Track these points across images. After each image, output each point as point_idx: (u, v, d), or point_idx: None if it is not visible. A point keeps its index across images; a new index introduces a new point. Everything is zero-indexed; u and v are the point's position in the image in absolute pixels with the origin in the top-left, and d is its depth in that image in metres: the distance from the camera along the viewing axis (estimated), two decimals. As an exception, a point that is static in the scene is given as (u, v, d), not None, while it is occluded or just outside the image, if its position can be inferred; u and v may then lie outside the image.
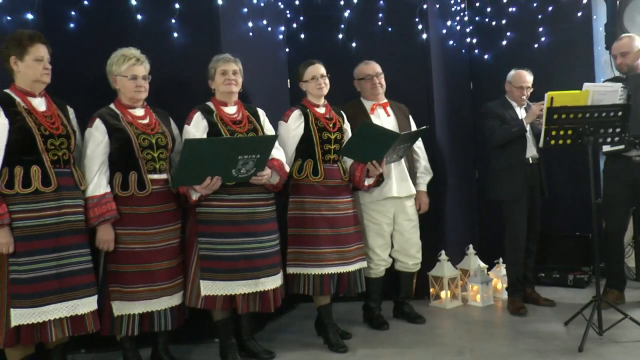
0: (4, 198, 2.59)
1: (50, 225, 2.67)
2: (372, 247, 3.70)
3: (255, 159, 2.94)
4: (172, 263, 3.03)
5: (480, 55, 4.91)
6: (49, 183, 2.68)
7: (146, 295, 2.93)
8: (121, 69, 2.97)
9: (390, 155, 3.46)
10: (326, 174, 3.38)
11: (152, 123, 3.04)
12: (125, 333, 2.94)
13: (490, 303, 4.17)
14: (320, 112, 3.46)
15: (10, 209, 2.59)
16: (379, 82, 3.75)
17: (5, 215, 2.56)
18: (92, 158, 2.89)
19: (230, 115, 3.18)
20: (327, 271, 3.31)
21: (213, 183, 2.92)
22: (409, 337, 3.55)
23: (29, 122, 2.66)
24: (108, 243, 2.88)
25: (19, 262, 2.60)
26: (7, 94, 2.71)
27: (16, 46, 2.70)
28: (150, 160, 2.97)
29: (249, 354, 3.29)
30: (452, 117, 4.61)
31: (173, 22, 3.50)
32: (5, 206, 2.58)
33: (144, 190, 2.94)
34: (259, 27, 3.95)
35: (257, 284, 3.07)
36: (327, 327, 3.42)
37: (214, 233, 3.06)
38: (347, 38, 4.34)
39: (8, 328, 2.58)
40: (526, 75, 4.03)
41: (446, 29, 4.62)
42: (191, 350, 3.46)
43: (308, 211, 3.35)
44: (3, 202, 2.58)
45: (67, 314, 2.67)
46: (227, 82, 3.15)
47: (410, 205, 3.81)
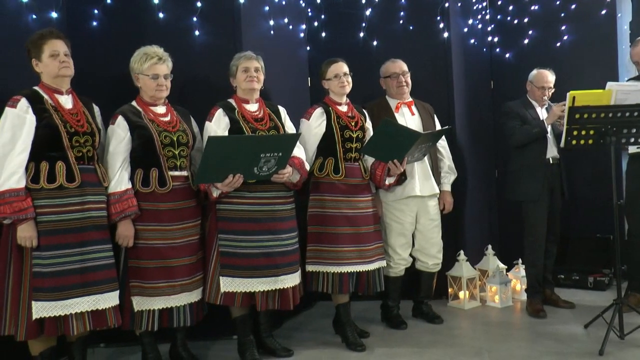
0: (29, 192, 2.63)
1: (74, 221, 2.71)
2: (393, 246, 3.70)
3: (277, 157, 2.94)
4: (192, 259, 3.06)
5: (502, 54, 4.86)
6: (73, 179, 2.72)
7: (166, 291, 2.95)
8: (143, 67, 2.99)
9: (412, 154, 3.44)
10: (347, 172, 3.38)
11: (174, 120, 3.07)
12: (145, 328, 2.97)
13: (508, 304, 4.15)
14: (342, 110, 3.46)
15: (35, 204, 2.63)
16: (404, 80, 3.73)
17: (29, 210, 2.61)
18: (114, 155, 2.92)
19: (252, 113, 3.19)
20: (346, 269, 3.31)
21: (235, 181, 2.94)
22: (427, 337, 3.54)
23: (55, 120, 2.70)
24: (128, 239, 2.91)
25: (43, 256, 2.64)
26: (35, 91, 2.76)
27: (34, 48, 2.76)
28: (171, 157, 2.99)
29: (267, 351, 3.30)
30: (472, 116, 4.58)
31: (194, 20, 3.52)
32: (30, 200, 2.62)
33: (164, 187, 2.96)
34: (280, 26, 3.96)
35: (276, 282, 3.08)
36: (345, 325, 3.42)
37: (234, 230, 3.07)
38: (368, 37, 4.33)
39: (30, 321, 2.62)
40: (548, 75, 3.98)
41: (467, 27, 4.59)
42: (209, 346, 3.49)
43: (328, 209, 3.35)
44: (28, 197, 2.62)
45: (89, 309, 2.71)
46: (249, 79, 3.16)
47: (433, 204, 3.79)
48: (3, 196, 2.57)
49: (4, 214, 2.57)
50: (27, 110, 2.65)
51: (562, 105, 3.60)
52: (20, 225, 2.60)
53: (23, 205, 2.59)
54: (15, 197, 2.58)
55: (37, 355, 2.76)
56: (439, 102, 4.16)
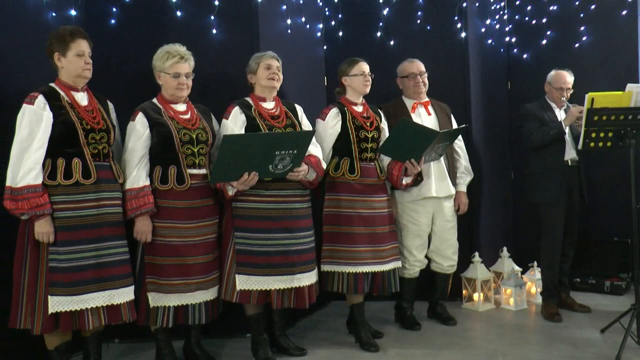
0: (46, 189, 2.66)
1: (90, 217, 2.73)
2: (408, 248, 3.68)
3: (292, 154, 2.94)
4: (208, 258, 3.06)
5: (519, 54, 4.82)
6: (89, 175, 2.74)
7: (181, 288, 2.96)
8: (165, 65, 3.00)
9: (429, 153, 3.42)
10: (363, 172, 3.37)
11: (193, 118, 3.07)
12: (161, 324, 2.98)
13: (523, 307, 4.11)
14: (358, 110, 3.45)
15: (51, 200, 2.65)
16: (422, 80, 3.72)
17: (46, 206, 2.63)
18: (133, 151, 2.93)
19: (269, 110, 3.20)
20: (361, 270, 3.31)
21: (250, 179, 2.94)
22: (441, 338, 3.52)
23: (72, 116, 2.72)
24: (145, 234, 2.92)
25: (59, 252, 2.66)
26: (52, 88, 2.77)
27: (59, 42, 2.76)
28: (190, 155, 3.00)
29: (280, 350, 3.30)
30: (489, 117, 4.55)
31: (212, 19, 3.53)
32: (47, 196, 2.64)
33: (182, 185, 2.97)
34: (297, 25, 3.96)
35: (292, 280, 3.08)
36: (359, 325, 3.42)
37: (250, 228, 3.08)
38: (385, 36, 4.32)
39: (46, 315, 2.64)
40: (567, 76, 3.94)
41: (485, 27, 4.56)
42: (223, 344, 3.49)
43: (344, 209, 3.34)
44: (45, 193, 2.64)
45: (104, 303, 2.73)
46: (271, 76, 3.16)
47: (449, 206, 3.77)
48: (21, 192, 2.59)
49: (21, 210, 2.59)
50: (44, 107, 2.68)
51: (580, 107, 3.57)
52: (37, 221, 2.62)
53: (40, 201, 2.61)
54: (33, 193, 2.60)
55: (53, 350, 2.79)
56: (456, 102, 4.13)
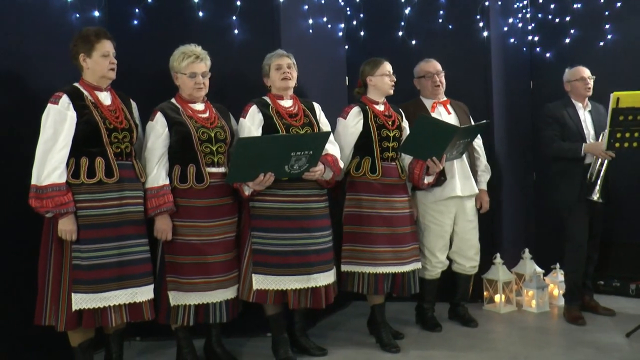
0: (70, 187, 2.69)
1: (112, 215, 2.75)
2: (431, 249, 3.66)
3: (308, 155, 2.94)
4: (228, 256, 3.07)
5: (542, 53, 4.75)
6: (112, 174, 2.76)
7: (202, 287, 2.97)
8: (181, 65, 3.02)
9: (450, 151, 3.37)
10: (384, 171, 3.35)
11: (212, 117, 3.08)
12: (181, 323, 2.99)
13: (545, 309, 4.05)
14: (380, 109, 3.44)
15: (75, 198, 2.68)
16: (439, 80, 3.70)
17: (70, 204, 2.66)
18: (152, 150, 2.95)
19: (286, 109, 3.20)
20: (382, 270, 3.29)
21: (266, 179, 2.94)
22: (462, 340, 3.49)
23: (95, 116, 2.74)
24: (165, 233, 2.94)
25: (82, 250, 2.69)
26: (76, 88, 2.80)
27: (84, 43, 2.79)
28: (209, 154, 3.01)
29: (301, 350, 3.30)
30: (511, 117, 4.50)
31: (234, 19, 3.54)
32: (70, 195, 2.67)
33: (202, 183, 2.98)
34: (319, 25, 3.95)
35: (309, 280, 3.08)
36: (380, 326, 3.40)
37: (267, 228, 3.08)
38: (406, 36, 4.30)
39: (69, 312, 2.67)
40: (584, 68, 3.86)
41: (507, 26, 4.52)
42: (243, 343, 3.50)
43: (364, 209, 3.33)
44: (69, 191, 2.67)
45: (126, 301, 2.75)
46: (283, 77, 3.16)
47: (471, 205, 3.74)
48: (45, 190, 2.62)
49: (46, 208, 2.62)
50: (68, 107, 2.70)
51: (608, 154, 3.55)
52: (61, 219, 2.65)
53: (64, 200, 2.64)
54: (57, 191, 2.63)
55: (77, 347, 2.82)
56: (477, 102, 4.10)
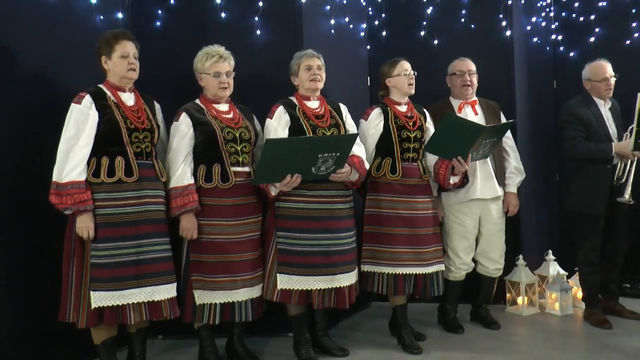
0: (90, 186, 2.72)
1: (131, 214, 2.78)
2: (455, 250, 3.63)
3: (335, 156, 2.94)
4: (253, 255, 3.09)
5: (566, 52, 4.69)
6: (132, 174, 2.79)
7: (227, 285, 2.99)
8: (205, 66, 3.04)
9: (477, 150, 3.32)
10: (404, 172, 3.33)
11: (236, 117, 3.10)
12: (207, 321, 3.01)
13: (569, 312, 3.99)
14: (401, 110, 3.42)
15: (94, 197, 2.72)
16: (469, 79, 3.65)
17: (89, 202, 2.69)
18: (178, 150, 2.97)
19: (313, 110, 3.20)
20: (402, 271, 3.28)
21: (293, 181, 2.94)
22: (484, 342, 3.46)
23: (116, 116, 2.78)
24: (191, 231, 2.96)
25: (99, 248, 2.72)
26: (99, 88, 2.85)
27: (105, 46, 2.84)
28: (234, 154, 3.03)
29: (322, 350, 3.30)
30: (534, 117, 4.44)
31: (256, 20, 3.55)
32: (89, 193, 2.71)
33: (227, 183, 3.00)
34: (341, 25, 3.95)
35: (333, 280, 3.08)
36: (402, 327, 3.39)
37: (292, 228, 3.09)
38: (428, 35, 4.28)
39: (89, 310, 2.71)
40: (606, 66, 3.74)
41: (531, 25, 4.46)
42: (265, 342, 3.51)
43: (384, 209, 3.32)
44: (88, 190, 2.71)
45: (144, 300, 2.78)
46: (312, 78, 3.17)
47: (497, 208, 3.69)
48: (65, 188, 2.67)
49: (65, 205, 2.67)
50: (90, 107, 2.75)
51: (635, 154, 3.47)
52: (79, 216, 2.69)
53: (83, 197, 2.68)
54: (77, 189, 2.68)
55: (100, 344, 2.86)
56: (500, 102, 4.01)
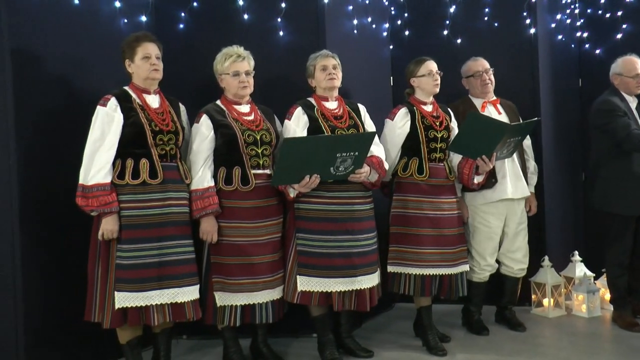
0: (114, 187, 2.75)
1: (155, 216, 2.79)
2: (480, 252, 3.59)
3: (354, 156, 2.92)
4: (274, 257, 3.08)
5: (591, 50, 4.60)
6: (156, 176, 2.80)
7: (248, 287, 2.98)
8: (224, 66, 3.04)
9: (501, 149, 3.29)
10: (431, 172, 3.31)
11: (257, 120, 3.09)
12: (228, 323, 3.01)
13: (597, 314, 3.92)
14: (427, 110, 3.39)
15: (119, 199, 2.74)
16: (488, 78, 3.62)
17: (114, 204, 2.72)
18: (198, 153, 2.98)
19: (332, 110, 3.19)
20: (428, 272, 3.25)
21: (311, 182, 2.93)
22: (510, 344, 3.42)
23: (141, 118, 2.80)
24: (211, 234, 2.96)
25: (123, 249, 2.74)
26: (124, 91, 2.87)
27: (128, 49, 2.86)
28: (255, 156, 3.02)
29: (347, 351, 3.29)
30: (559, 115, 4.37)
31: (278, 21, 3.55)
32: (115, 195, 2.73)
33: (247, 185, 2.99)
34: (364, 25, 3.93)
35: (353, 282, 3.06)
36: (427, 329, 3.36)
37: (312, 229, 3.07)
38: (451, 35, 4.24)
39: (114, 310, 2.73)
40: (638, 61, 3.68)
41: (555, 22, 4.39)
42: (289, 343, 3.51)
43: (411, 210, 3.29)
44: (113, 192, 2.74)
45: (167, 301, 2.79)
46: (329, 78, 3.15)
47: (521, 207, 3.66)
48: (91, 190, 2.69)
49: (91, 207, 2.70)
50: (115, 109, 2.77)
51: None
52: (104, 218, 2.71)
53: (108, 199, 2.70)
54: (102, 191, 2.70)
55: (125, 344, 2.89)
56: (524, 101, 4.00)
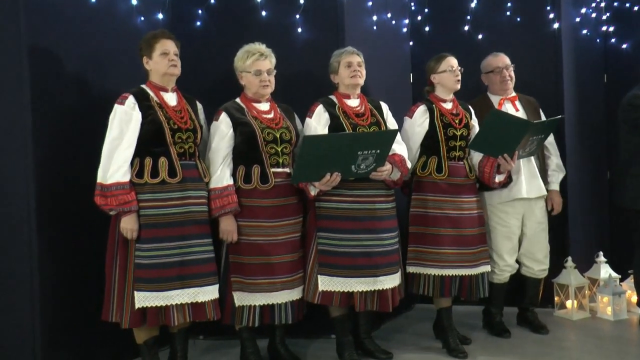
0: (133, 186, 2.73)
1: (175, 215, 2.77)
2: (499, 252, 3.53)
3: (375, 154, 2.88)
4: (293, 257, 3.05)
5: (618, 44, 4.48)
6: (175, 174, 2.78)
7: (266, 287, 2.95)
8: (246, 64, 3.01)
9: (523, 147, 3.22)
10: (451, 171, 3.25)
11: (277, 117, 3.06)
12: (246, 324, 2.98)
13: (623, 317, 3.82)
14: (447, 107, 3.33)
15: (138, 198, 2.73)
16: (508, 74, 3.55)
17: (133, 203, 2.70)
18: (217, 151, 2.95)
19: (353, 108, 3.15)
20: (448, 273, 3.20)
21: (332, 179, 2.89)
22: (532, 347, 3.35)
23: (160, 116, 2.78)
24: (231, 234, 2.93)
25: (142, 249, 2.73)
26: (142, 89, 2.85)
27: (146, 46, 2.85)
28: (274, 155, 2.99)
29: (366, 353, 3.24)
30: (583, 112, 4.28)
31: (297, 18, 3.51)
32: (134, 194, 2.71)
33: (266, 184, 2.96)
34: (383, 21, 3.88)
35: (375, 282, 3.02)
36: (447, 330, 3.31)
37: (333, 228, 3.04)
38: (472, 30, 4.15)
39: (133, 310, 2.72)
40: None
41: (580, 16, 4.29)
42: (307, 344, 3.47)
43: (430, 209, 3.24)
44: (132, 191, 2.72)
45: (188, 301, 2.77)
46: (353, 74, 3.11)
47: (540, 206, 3.59)
48: (110, 189, 2.68)
49: (110, 206, 2.68)
50: (133, 107, 2.75)
51: None
52: (123, 217, 2.69)
53: (127, 199, 2.69)
54: (121, 190, 2.68)
55: (142, 344, 2.88)
56: (547, 98, 3.91)
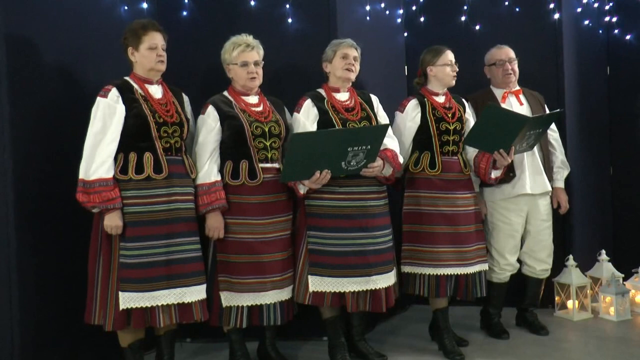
0: (117, 183, 2.64)
1: (161, 212, 2.69)
2: (500, 250, 3.44)
3: (366, 150, 2.80)
4: (283, 255, 2.97)
5: (621, 35, 4.39)
6: (161, 170, 2.70)
7: (255, 287, 2.88)
8: (232, 56, 2.94)
9: (520, 143, 3.14)
10: (444, 166, 3.17)
11: (266, 111, 2.98)
12: (234, 325, 2.90)
13: (626, 317, 3.72)
14: (439, 101, 3.25)
15: (123, 194, 2.64)
16: (511, 68, 3.47)
17: (117, 200, 2.61)
18: (204, 145, 2.88)
19: (342, 102, 3.07)
20: (443, 272, 3.12)
21: (322, 177, 2.82)
22: (531, 349, 3.26)
23: (144, 109, 2.70)
24: (217, 230, 2.86)
25: (128, 247, 2.64)
26: (126, 81, 2.77)
27: (132, 37, 2.75)
28: (262, 149, 2.91)
29: (359, 355, 3.16)
30: (585, 106, 4.19)
31: (287, 8, 3.43)
32: (117, 191, 2.63)
33: (255, 180, 2.88)
34: (377, 11, 3.80)
35: (368, 282, 2.94)
36: (443, 331, 3.22)
37: (324, 227, 2.96)
38: (470, 21, 4.06)
39: (117, 311, 2.63)
40: None
41: (582, 7, 4.20)
42: (299, 347, 3.40)
43: (424, 207, 3.16)
44: (116, 187, 2.63)
45: (175, 301, 2.69)
46: (346, 67, 3.03)
47: (545, 204, 3.51)
48: (93, 185, 2.59)
49: (93, 203, 2.59)
50: (117, 100, 2.67)
51: None
52: (107, 215, 2.61)
53: (111, 195, 2.60)
54: (105, 186, 2.60)
55: (126, 347, 2.78)
56: (548, 91, 3.81)
